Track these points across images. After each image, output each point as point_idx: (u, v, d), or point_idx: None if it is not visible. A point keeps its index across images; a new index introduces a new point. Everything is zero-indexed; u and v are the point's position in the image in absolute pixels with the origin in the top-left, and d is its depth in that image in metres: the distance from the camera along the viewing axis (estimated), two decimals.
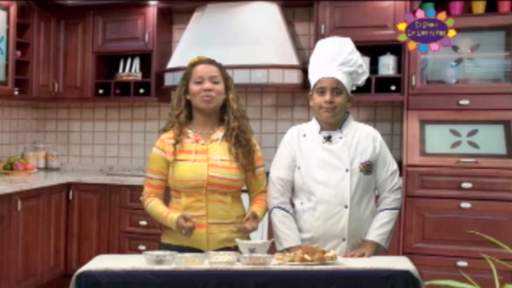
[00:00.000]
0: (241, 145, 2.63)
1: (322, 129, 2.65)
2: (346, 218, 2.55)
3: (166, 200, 2.72)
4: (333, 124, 2.64)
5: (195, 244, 2.56)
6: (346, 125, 2.65)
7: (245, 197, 2.75)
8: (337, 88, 2.59)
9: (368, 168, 2.60)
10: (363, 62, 2.69)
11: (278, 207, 2.65)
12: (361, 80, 2.71)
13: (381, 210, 2.64)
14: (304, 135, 2.68)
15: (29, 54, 4.95)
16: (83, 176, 5.02)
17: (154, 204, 2.65)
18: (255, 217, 2.57)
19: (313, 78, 2.65)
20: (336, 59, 2.61)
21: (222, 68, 2.72)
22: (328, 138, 2.63)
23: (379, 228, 2.59)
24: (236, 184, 2.63)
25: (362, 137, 2.64)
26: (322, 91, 2.60)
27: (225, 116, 2.67)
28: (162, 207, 2.64)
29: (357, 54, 2.67)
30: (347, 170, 2.57)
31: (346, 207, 2.55)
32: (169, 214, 2.57)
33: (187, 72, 2.70)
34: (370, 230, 2.60)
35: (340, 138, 2.63)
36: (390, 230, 2.63)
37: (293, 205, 2.69)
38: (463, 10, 4.20)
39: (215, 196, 2.58)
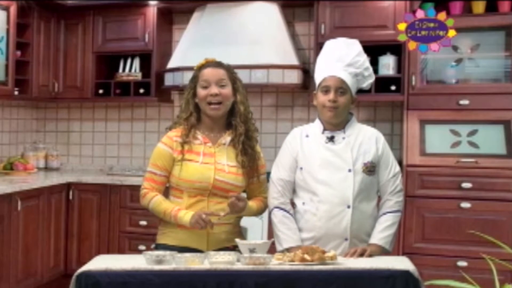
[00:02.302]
0: (247, 153, 2.64)
1: (325, 129, 2.65)
2: (348, 218, 2.55)
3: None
4: (336, 124, 2.64)
5: (195, 244, 2.57)
6: (349, 126, 2.65)
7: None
8: (341, 87, 2.59)
9: (370, 168, 2.60)
10: (369, 66, 2.69)
11: (278, 208, 2.65)
12: (366, 83, 2.71)
13: (383, 213, 2.63)
14: (307, 136, 2.68)
15: (29, 54, 4.94)
16: (83, 176, 5.02)
17: (158, 200, 2.61)
18: (244, 200, 2.56)
19: (319, 76, 2.65)
20: (343, 59, 2.62)
21: (230, 70, 2.69)
22: (331, 139, 2.63)
23: (382, 231, 2.58)
24: (239, 189, 2.65)
25: (365, 138, 2.64)
26: (326, 90, 2.60)
27: (233, 121, 2.66)
28: (169, 204, 2.61)
29: (364, 56, 2.68)
30: (349, 170, 2.57)
31: (348, 207, 2.55)
32: (181, 211, 2.54)
33: (195, 75, 2.68)
34: (373, 234, 2.60)
35: (343, 138, 2.62)
36: (394, 233, 2.61)
37: (294, 205, 2.69)
38: (463, 10, 4.21)
39: (217, 198, 2.59)
